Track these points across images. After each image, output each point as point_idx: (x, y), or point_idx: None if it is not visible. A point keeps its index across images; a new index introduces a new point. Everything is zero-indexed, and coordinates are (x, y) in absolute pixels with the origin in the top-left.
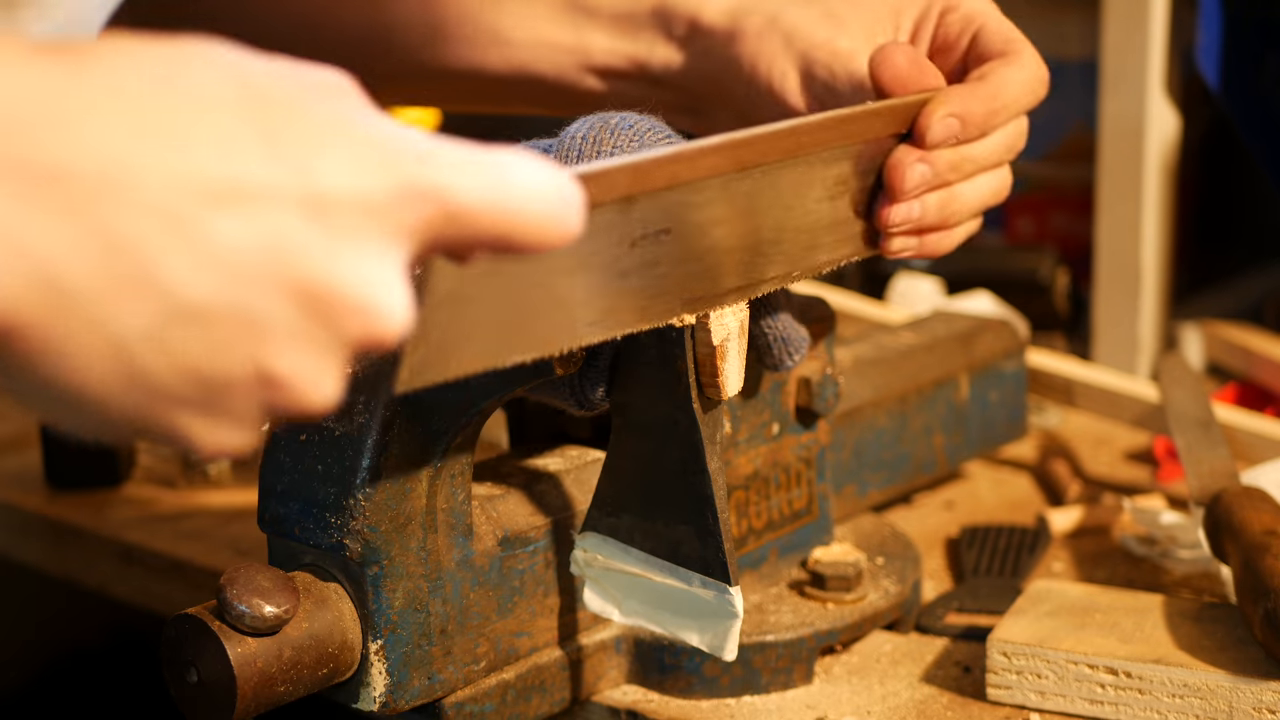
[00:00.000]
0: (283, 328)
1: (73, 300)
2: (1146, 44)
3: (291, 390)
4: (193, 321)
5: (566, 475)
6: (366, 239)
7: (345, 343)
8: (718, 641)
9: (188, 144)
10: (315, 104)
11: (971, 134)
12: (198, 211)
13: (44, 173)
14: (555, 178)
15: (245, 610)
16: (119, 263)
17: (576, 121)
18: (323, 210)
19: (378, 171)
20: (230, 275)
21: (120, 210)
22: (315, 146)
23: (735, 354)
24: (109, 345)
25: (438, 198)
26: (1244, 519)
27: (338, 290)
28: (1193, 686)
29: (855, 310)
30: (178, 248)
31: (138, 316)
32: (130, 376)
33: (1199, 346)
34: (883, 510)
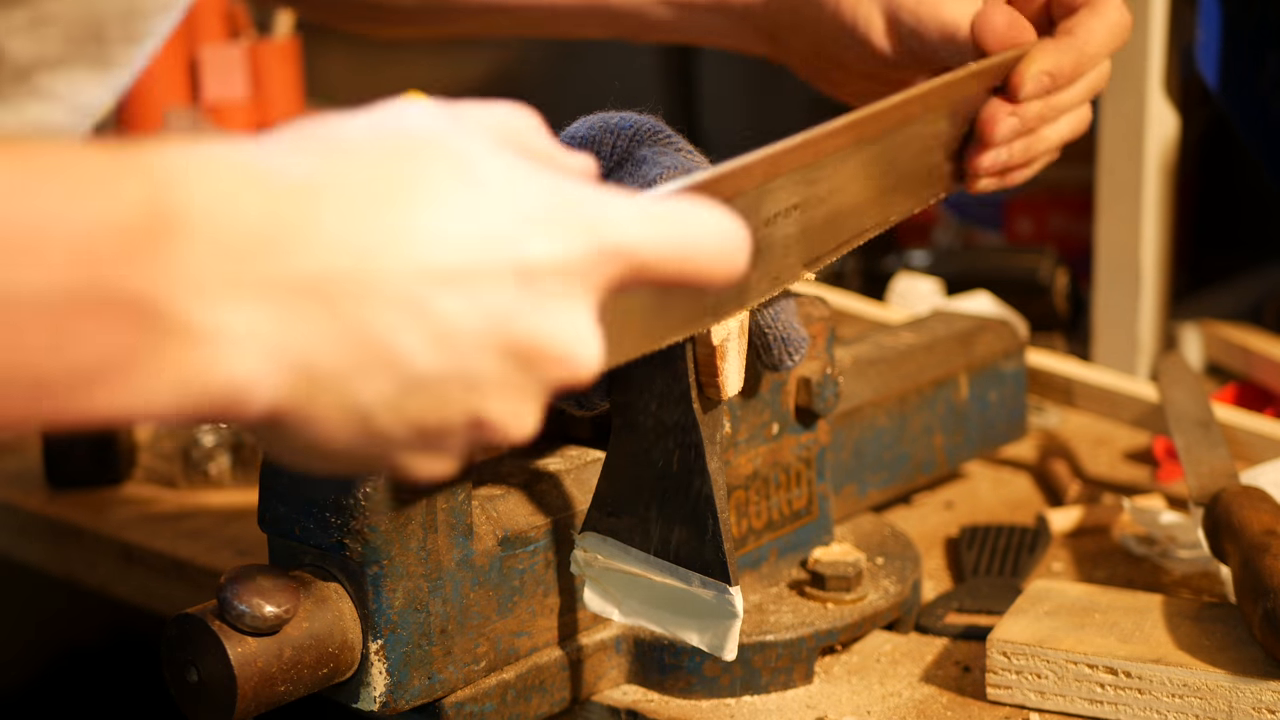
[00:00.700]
0: (496, 382)
1: (326, 384)
2: (1146, 44)
3: (499, 430)
4: (423, 388)
5: (566, 475)
6: (567, 297)
7: (546, 386)
8: (718, 641)
9: (417, 237)
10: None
11: (1061, 86)
12: (429, 295)
13: (295, 284)
14: (723, 222)
15: (245, 610)
16: (364, 349)
17: (576, 121)
18: (530, 279)
19: (576, 237)
20: (456, 346)
21: (364, 303)
22: (522, 220)
23: (735, 354)
24: (354, 415)
25: (627, 256)
26: (1243, 519)
27: (544, 347)
28: (1192, 686)
29: (855, 310)
30: (413, 329)
31: (379, 390)
32: (369, 435)
33: (1199, 346)
34: (883, 510)
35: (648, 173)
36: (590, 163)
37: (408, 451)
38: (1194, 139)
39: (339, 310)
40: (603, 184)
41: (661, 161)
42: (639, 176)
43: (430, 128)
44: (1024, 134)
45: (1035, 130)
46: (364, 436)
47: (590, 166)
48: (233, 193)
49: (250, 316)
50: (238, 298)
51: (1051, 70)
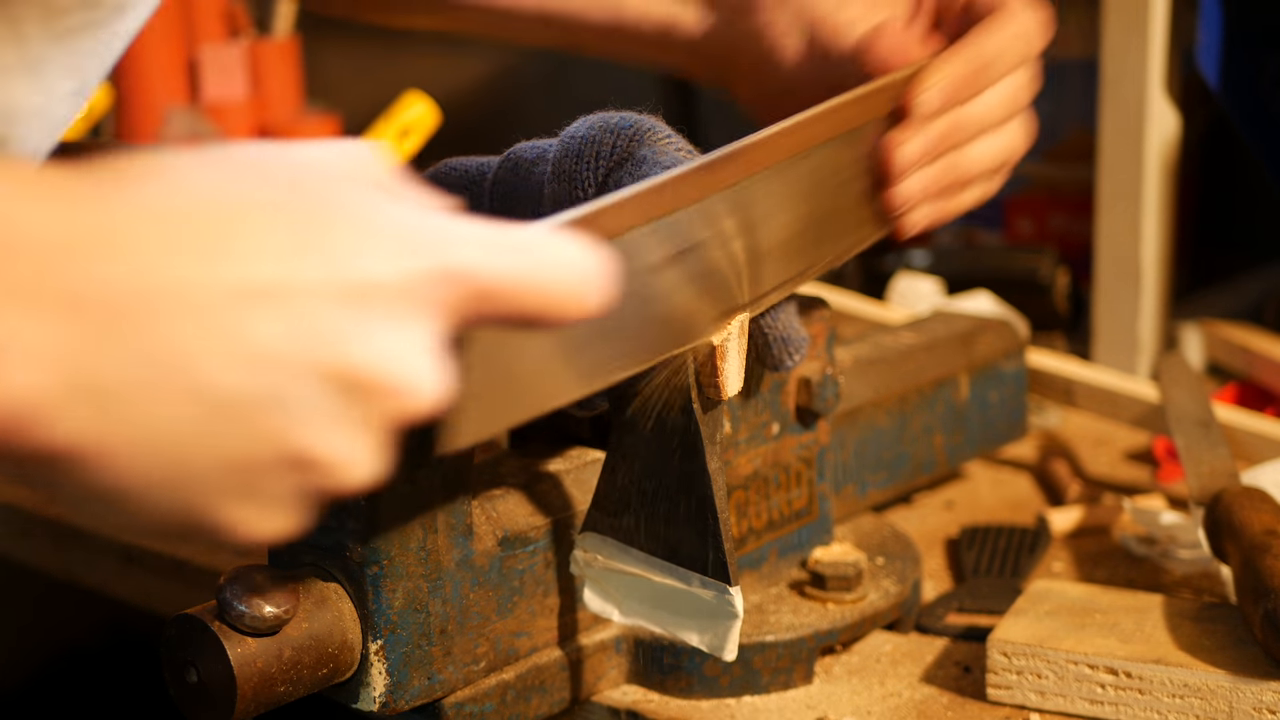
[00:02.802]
0: (318, 412)
1: (120, 412)
2: (1146, 44)
3: (330, 471)
4: (230, 414)
5: (566, 475)
6: (397, 320)
7: (381, 420)
8: (718, 641)
9: (220, 251)
10: (341, 195)
11: (962, 97)
12: (233, 313)
13: (88, 297)
14: (579, 253)
15: (245, 610)
16: (163, 371)
17: (576, 121)
18: (353, 297)
19: (408, 257)
20: (266, 367)
21: (163, 322)
22: (344, 238)
23: (735, 354)
24: (152, 446)
25: (468, 279)
26: (1244, 519)
27: (372, 372)
28: (1193, 686)
29: (855, 310)
30: (217, 348)
31: (180, 417)
32: (173, 473)
33: (1199, 346)
34: (883, 510)
35: (647, 173)
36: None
37: (228, 501)
38: (1195, 139)
39: (134, 325)
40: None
41: (661, 161)
42: (639, 176)
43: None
44: (935, 157)
45: (950, 152)
46: (169, 476)
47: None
48: (23, 201)
49: (34, 327)
50: (19, 307)
51: (943, 82)
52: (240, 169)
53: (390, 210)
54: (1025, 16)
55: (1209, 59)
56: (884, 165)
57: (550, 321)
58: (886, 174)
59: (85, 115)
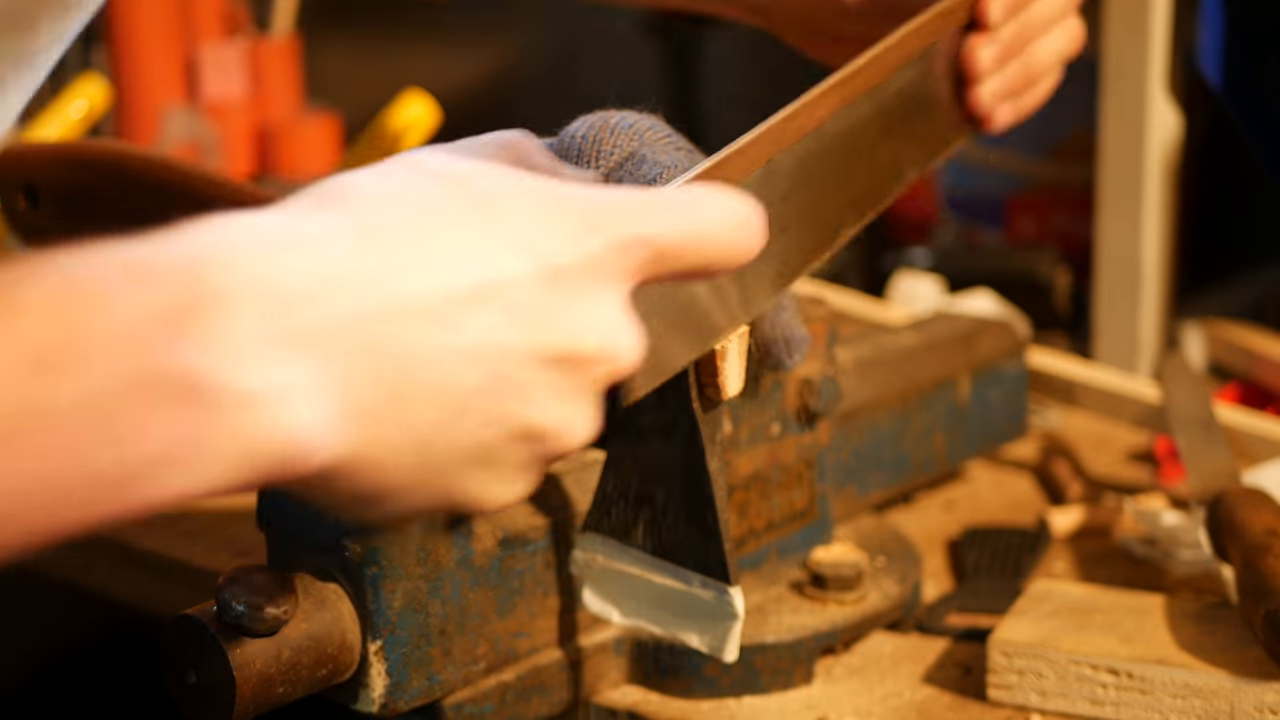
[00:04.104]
0: (541, 389)
1: (377, 422)
2: (1147, 44)
3: (556, 438)
4: (468, 406)
5: (566, 475)
6: (597, 294)
7: (592, 385)
8: (718, 642)
9: (434, 263)
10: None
11: (1025, 3)
12: (455, 315)
13: (331, 330)
14: (737, 204)
15: (244, 611)
16: (405, 379)
17: (576, 121)
18: (555, 280)
19: (591, 234)
20: (495, 360)
21: (397, 334)
22: (532, 228)
23: (735, 354)
24: (407, 448)
25: (647, 243)
26: (1245, 519)
27: (582, 346)
28: (1194, 687)
29: (855, 310)
30: (446, 352)
31: (428, 418)
32: (426, 466)
33: (1200, 346)
34: (883, 510)
35: (648, 173)
36: (591, 174)
37: (472, 479)
38: (1196, 138)
39: (372, 346)
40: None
41: (661, 161)
42: (639, 176)
43: (430, 163)
44: (1009, 57)
45: (1022, 51)
46: (425, 470)
47: (592, 177)
48: (259, 258)
49: (294, 369)
50: (280, 354)
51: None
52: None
53: (562, 191)
54: None
55: (1209, 59)
56: (967, 70)
57: (719, 269)
58: (970, 77)
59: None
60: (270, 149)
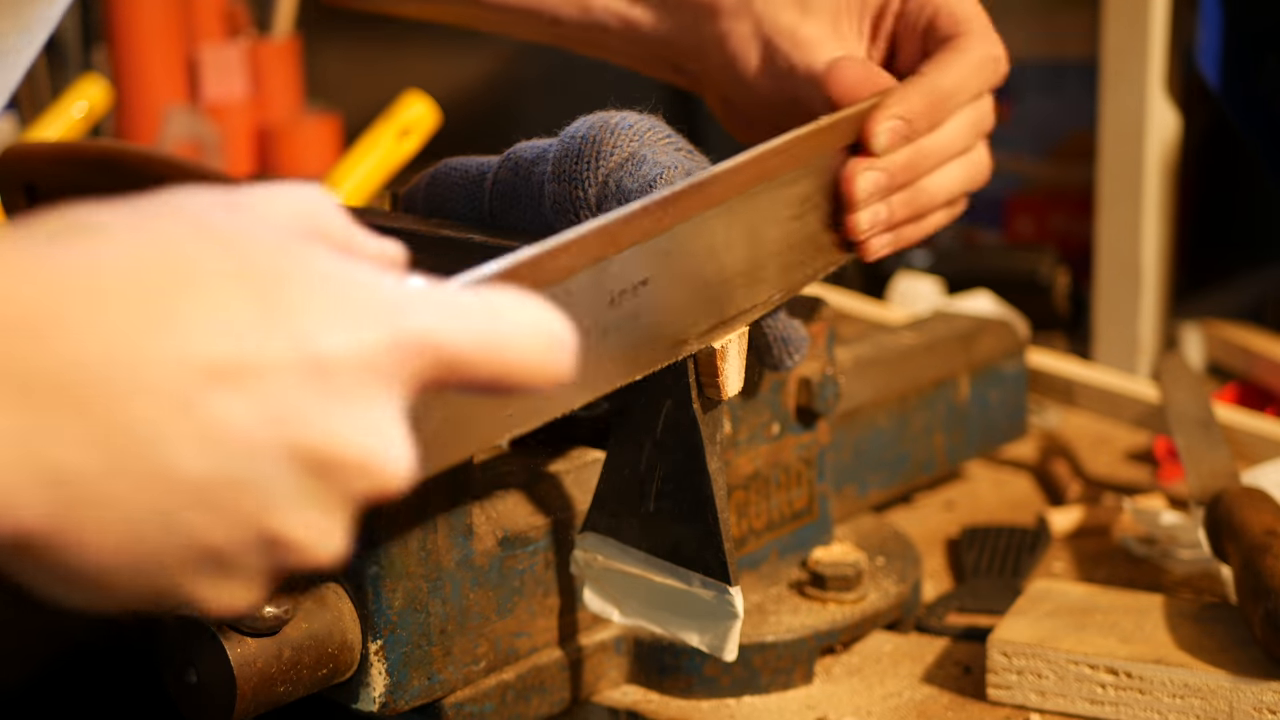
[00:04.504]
0: (288, 493)
1: (84, 494)
2: (1146, 44)
3: (297, 550)
4: (199, 499)
5: (566, 475)
6: (364, 396)
7: (348, 498)
8: (718, 642)
9: (184, 327)
10: (297, 257)
11: (921, 130)
12: (199, 393)
13: (40, 379)
14: (546, 319)
15: (245, 610)
16: (125, 454)
17: (577, 121)
18: (320, 374)
19: (371, 328)
20: (234, 450)
21: (123, 402)
22: (308, 310)
23: (735, 354)
24: (118, 532)
25: (432, 348)
26: (1244, 519)
27: (339, 451)
28: (1193, 687)
29: (855, 310)
30: (181, 431)
31: (145, 502)
32: (140, 555)
33: (1199, 346)
34: (883, 510)
35: (648, 173)
36: (396, 247)
37: (195, 576)
38: (1195, 139)
39: (92, 408)
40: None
41: (661, 161)
42: (639, 176)
43: (206, 217)
44: (896, 188)
45: (911, 183)
46: (140, 560)
47: (396, 251)
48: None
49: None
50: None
51: (903, 114)
52: (188, 225)
53: (348, 274)
54: (985, 47)
55: (1209, 59)
56: (844, 195)
57: (515, 389)
58: (848, 202)
59: (85, 115)
60: (270, 149)
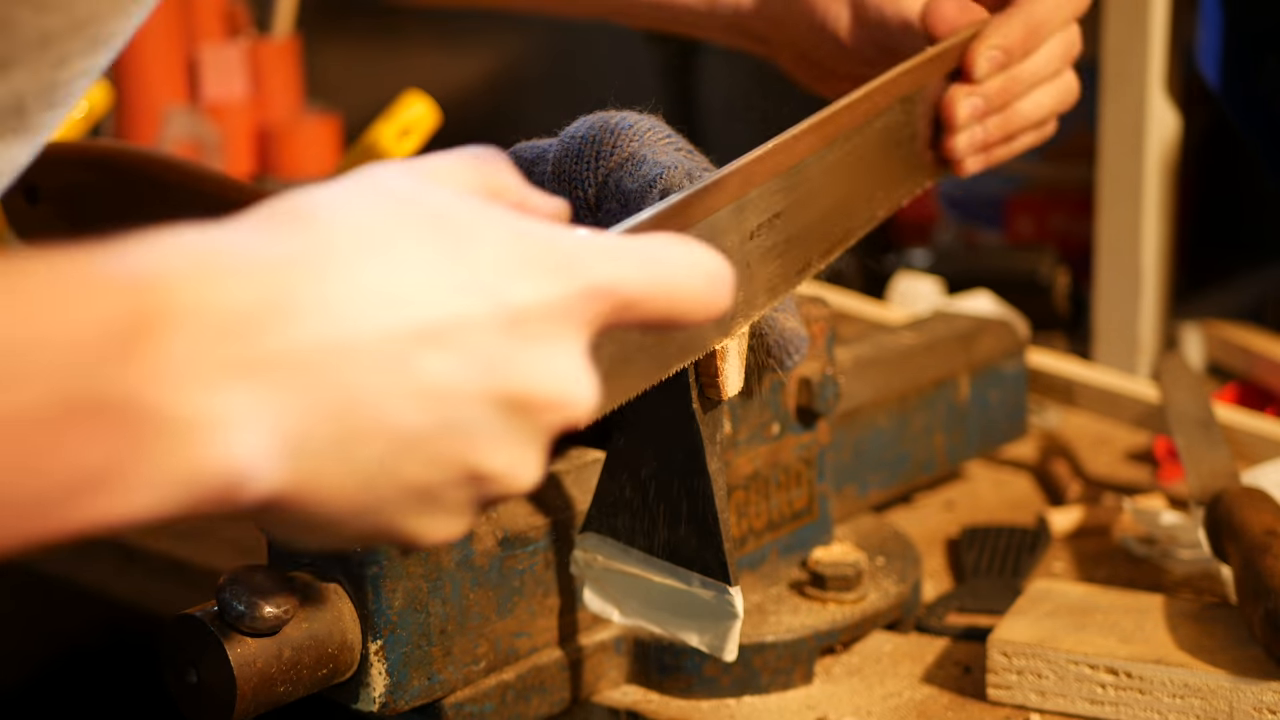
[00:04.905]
0: (491, 433)
1: (320, 457)
2: (1146, 44)
3: (501, 482)
4: (414, 446)
5: (566, 475)
6: (555, 340)
7: (545, 432)
8: (718, 642)
9: (391, 297)
10: (487, 220)
11: (1017, 58)
12: (412, 356)
13: (278, 360)
14: (705, 258)
15: (245, 610)
16: (355, 419)
17: (577, 121)
18: (515, 324)
19: (557, 279)
20: (446, 402)
21: (349, 374)
22: (499, 266)
23: (735, 354)
24: (351, 487)
25: (611, 293)
26: (1244, 519)
27: (536, 392)
28: (1193, 687)
29: (855, 310)
30: (400, 392)
31: (373, 457)
32: (368, 502)
33: (1199, 346)
34: (883, 510)
35: (648, 173)
36: (562, 203)
37: (412, 516)
38: (1195, 139)
39: (322, 380)
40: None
41: (661, 161)
42: (639, 176)
43: (398, 187)
44: (992, 111)
45: (1006, 106)
46: (364, 506)
47: (562, 206)
48: (211, 280)
49: (238, 398)
50: (225, 382)
51: (1001, 44)
52: (384, 199)
53: (528, 230)
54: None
55: (1209, 59)
56: (947, 118)
57: (683, 322)
58: (949, 125)
59: (85, 115)
60: (270, 149)
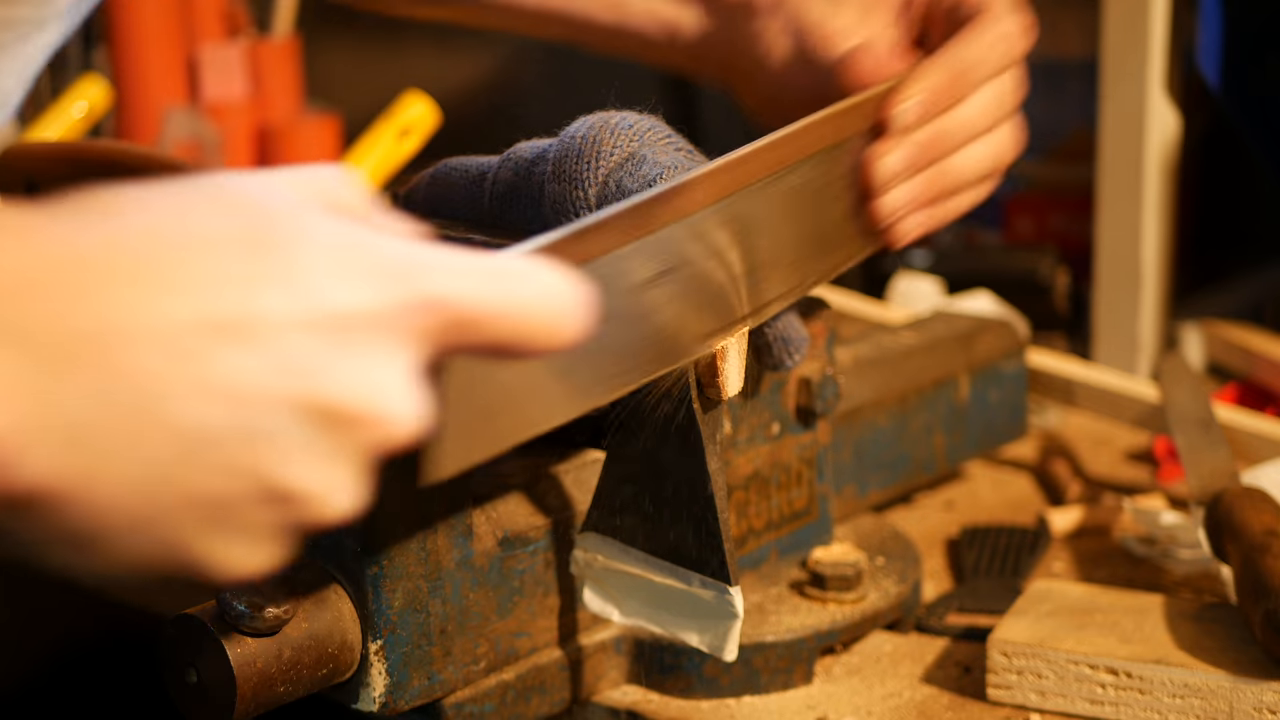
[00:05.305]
0: (295, 445)
1: (92, 450)
2: (1146, 44)
3: (309, 503)
4: (204, 449)
5: (566, 475)
6: (373, 351)
7: (358, 451)
8: (718, 642)
9: (189, 286)
10: (308, 223)
11: (941, 106)
12: (204, 347)
13: (50, 334)
14: (558, 281)
15: (245, 610)
16: (132, 406)
17: (576, 121)
18: (327, 327)
19: (381, 285)
20: (239, 402)
21: (130, 357)
22: (316, 268)
23: (735, 354)
24: (124, 483)
25: (444, 307)
26: (1244, 519)
27: (348, 403)
28: (1193, 687)
29: (855, 310)
30: (186, 383)
31: (152, 454)
32: (147, 511)
33: (1199, 346)
34: (883, 510)
35: (647, 173)
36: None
37: (203, 535)
38: (1195, 139)
39: (100, 363)
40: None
41: (662, 162)
42: (638, 176)
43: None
44: (920, 168)
45: (936, 162)
46: (145, 516)
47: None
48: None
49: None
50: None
51: (922, 91)
52: (200, 201)
53: (362, 237)
54: (1006, 20)
55: (1209, 59)
56: (866, 179)
57: (528, 351)
58: (869, 188)
59: (85, 115)
60: (270, 149)
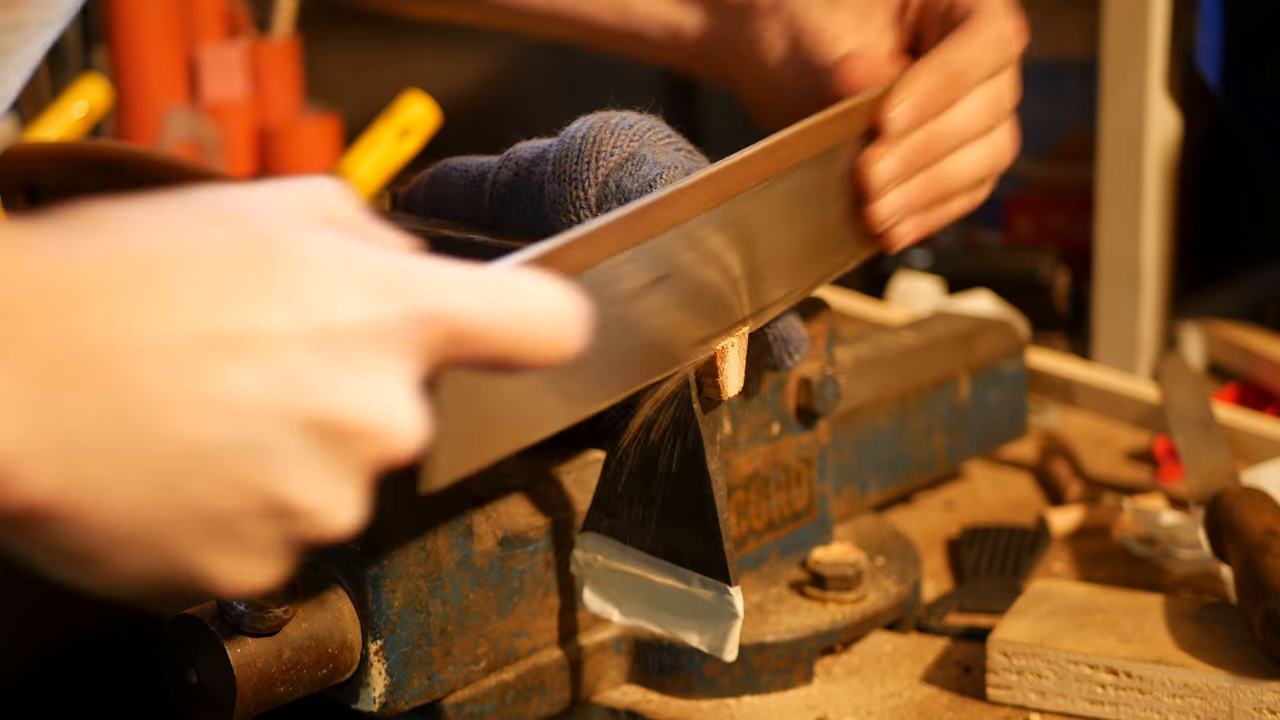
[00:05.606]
0: (295, 460)
1: (91, 465)
2: (1146, 44)
3: (310, 518)
4: (204, 464)
5: (566, 475)
6: (372, 365)
7: (359, 465)
8: (718, 642)
9: (188, 301)
10: (306, 238)
11: (935, 109)
12: (204, 361)
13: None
14: (555, 295)
15: (245, 610)
16: (132, 421)
17: (576, 121)
18: (327, 342)
19: (379, 299)
20: (239, 416)
21: (129, 371)
22: (313, 283)
23: (735, 354)
24: (126, 499)
25: (441, 321)
26: (1244, 519)
27: (348, 418)
28: (1193, 687)
29: (855, 310)
30: (185, 398)
31: (152, 469)
32: (149, 526)
33: (1199, 346)
34: (883, 510)
35: (648, 173)
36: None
37: (206, 549)
38: (1195, 139)
39: (98, 377)
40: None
41: (661, 161)
42: (639, 176)
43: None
44: (914, 172)
45: (931, 165)
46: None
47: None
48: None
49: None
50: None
51: (916, 93)
52: (197, 216)
53: (359, 251)
54: (999, 22)
55: (1209, 59)
56: (861, 183)
57: (525, 365)
58: (864, 192)
59: (85, 115)
60: (271, 149)
